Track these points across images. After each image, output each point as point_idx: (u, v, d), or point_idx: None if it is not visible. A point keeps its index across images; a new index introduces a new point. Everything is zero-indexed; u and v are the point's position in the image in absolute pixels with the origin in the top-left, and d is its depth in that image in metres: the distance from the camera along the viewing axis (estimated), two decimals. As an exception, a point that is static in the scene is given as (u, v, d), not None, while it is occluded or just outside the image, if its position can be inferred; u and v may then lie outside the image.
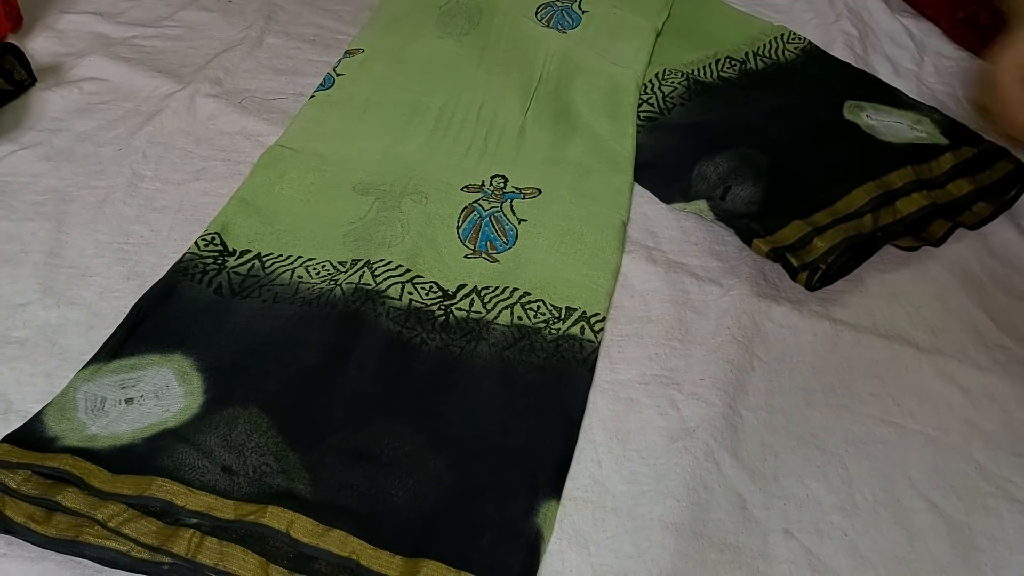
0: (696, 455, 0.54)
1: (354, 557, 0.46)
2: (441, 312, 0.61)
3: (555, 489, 0.52)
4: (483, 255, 0.66)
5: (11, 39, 0.83)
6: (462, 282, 0.64)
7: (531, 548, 0.49)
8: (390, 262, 0.64)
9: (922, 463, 0.56)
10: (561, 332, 0.60)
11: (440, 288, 0.63)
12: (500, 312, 0.62)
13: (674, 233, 0.71)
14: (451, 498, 0.51)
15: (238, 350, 0.57)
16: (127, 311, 0.59)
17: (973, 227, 0.72)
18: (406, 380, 0.57)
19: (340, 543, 0.47)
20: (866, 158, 0.71)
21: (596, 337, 0.60)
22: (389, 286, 0.62)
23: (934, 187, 0.71)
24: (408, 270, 0.63)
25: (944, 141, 0.74)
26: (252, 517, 0.47)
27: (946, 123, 0.77)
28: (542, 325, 0.61)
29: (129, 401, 0.54)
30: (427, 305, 0.61)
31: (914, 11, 1.01)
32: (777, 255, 0.64)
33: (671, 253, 0.69)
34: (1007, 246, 0.72)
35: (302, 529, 0.47)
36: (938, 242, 0.70)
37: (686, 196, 0.72)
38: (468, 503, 0.51)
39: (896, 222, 0.67)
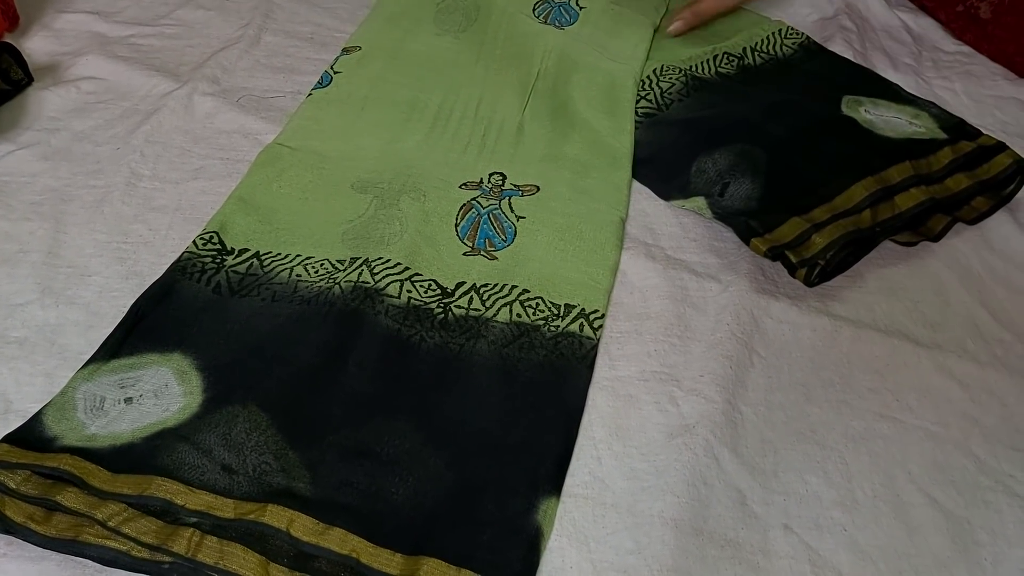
0: (696, 451, 0.54)
1: (354, 555, 0.47)
2: (440, 310, 0.61)
3: (555, 486, 0.52)
4: (482, 252, 0.66)
5: (8, 38, 0.83)
6: (461, 280, 0.64)
7: (531, 545, 0.49)
8: (388, 260, 0.63)
9: (921, 458, 0.56)
10: (560, 329, 0.60)
11: (439, 286, 0.63)
12: (499, 309, 0.62)
13: (673, 230, 0.71)
14: (451, 495, 0.51)
15: (237, 349, 0.57)
16: (126, 310, 0.59)
17: (972, 222, 0.72)
18: (405, 378, 0.57)
19: (340, 541, 0.47)
20: (865, 153, 0.71)
21: (595, 334, 0.61)
22: (388, 284, 0.62)
23: (932, 182, 0.71)
24: (407, 268, 0.63)
25: (942, 136, 0.74)
26: (252, 516, 0.47)
27: (944, 118, 0.77)
28: (541, 322, 0.61)
29: (128, 400, 0.54)
30: (426, 303, 0.61)
31: (912, 5, 1.01)
32: (775, 254, 0.64)
33: (670, 250, 0.69)
34: (1006, 241, 0.72)
35: (302, 527, 0.47)
36: (937, 237, 0.70)
37: (685, 193, 0.72)
38: (468, 500, 0.51)
39: (895, 217, 0.67)
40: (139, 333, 0.58)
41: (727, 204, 0.69)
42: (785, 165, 0.70)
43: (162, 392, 0.54)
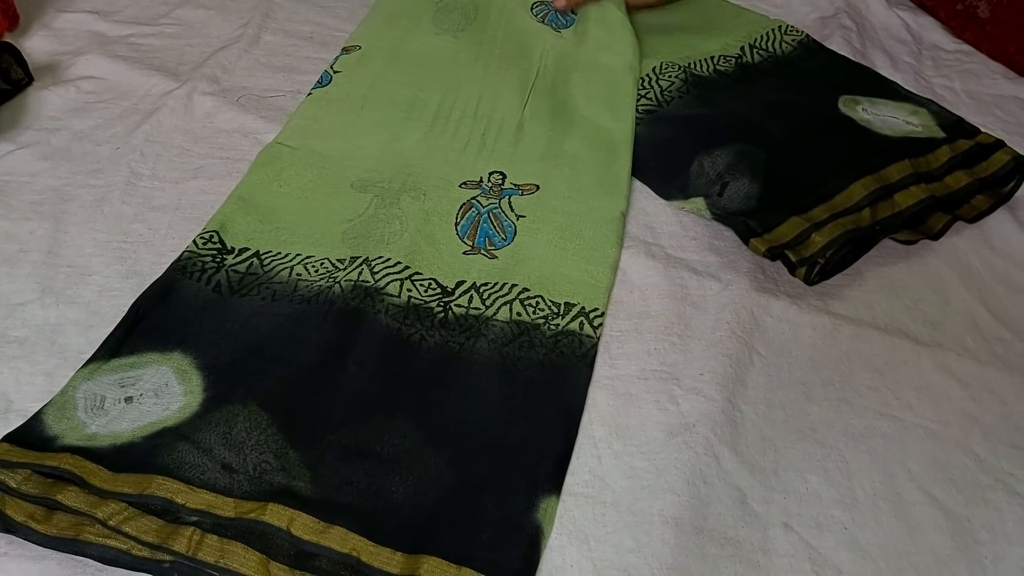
0: (696, 450, 0.54)
1: (354, 554, 0.47)
2: (440, 309, 0.61)
3: (555, 484, 0.52)
4: (482, 251, 0.66)
5: (8, 38, 0.83)
6: (461, 278, 0.64)
7: (532, 543, 0.49)
8: (388, 259, 0.64)
9: (921, 456, 0.56)
10: (560, 328, 0.61)
11: (439, 285, 0.63)
12: (499, 308, 0.62)
13: (673, 228, 0.71)
14: (451, 494, 0.51)
15: (237, 348, 0.57)
16: (126, 310, 0.59)
17: (971, 220, 0.72)
18: (406, 377, 0.57)
19: (341, 540, 0.47)
20: (863, 152, 0.71)
21: (595, 332, 0.61)
22: (388, 283, 0.62)
23: (932, 180, 0.71)
24: (407, 267, 0.63)
25: (941, 134, 0.74)
26: (253, 515, 0.47)
27: (943, 115, 0.77)
28: (541, 321, 0.61)
29: (129, 400, 0.54)
30: (426, 302, 0.62)
31: (912, 4, 1.01)
32: (775, 254, 0.64)
33: (670, 248, 0.69)
34: (1005, 239, 0.72)
35: (302, 526, 0.47)
36: (936, 235, 0.70)
37: (684, 193, 0.72)
38: (468, 499, 0.51)
39: (894, 215, 0.67)
40: (139, 332, 0.58)
41: (726, 204, 0.69)
42: (784, 165, 0.70)
43: (162, 391, 0.54)
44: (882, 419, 0.58)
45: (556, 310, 0.62)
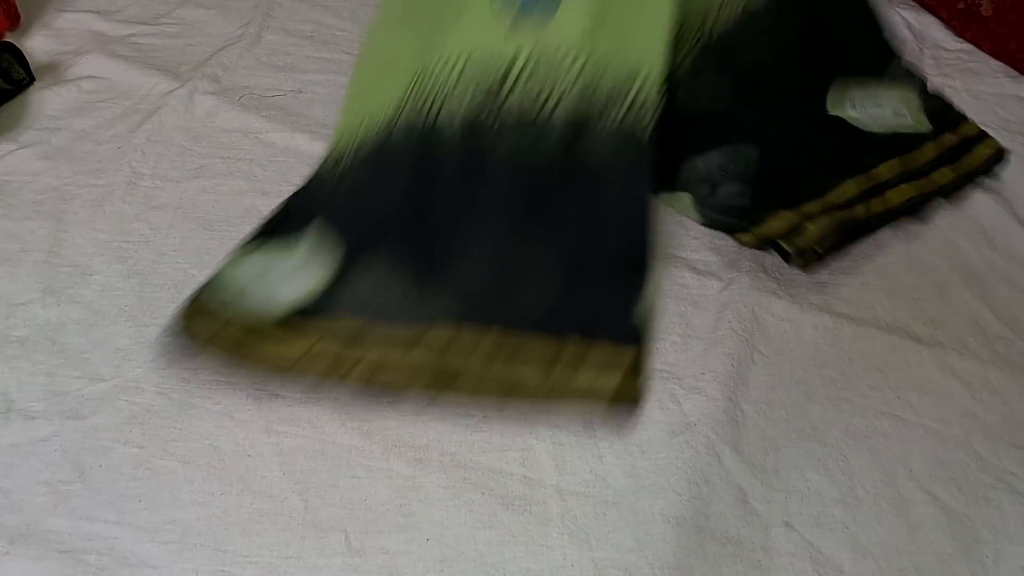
0: (697, 449, 0.54)
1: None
2: (493, 118, 0.64)
3: (647, 274, 0.62)
4: (529, 22, 0.65)
5: (9, 38, 0.83)
6: (510, 63, 0.64)
7: (645, 323, 0.59)
8: (439, 58, 0.65)
9: (923, 455, 0.56)
10: (617, 123, 0.64)
11: (485, 88, 0.64)
12: (557, 104, 0.64)
13: (674, 227, 0.71)
14: (567, 294, 0.60)
15: (365, 214, 0.64)
16: (127, 309, 0.60)
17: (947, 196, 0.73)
18: (489, 210, 0.64)
19: (492, 346, 0.58)
20: (854, 151, 0.72)
21: (647, 129, 0.64)
22: (439, 114, 0.65)
23: (919, 176, 0.72)
24: (457, 62, 0.65)
25: (928, 126, 0.75)
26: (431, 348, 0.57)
27: (932, 101, 0.78)
28: (599, 110, 0.64)
29: (282, 273, 0.61)
30: (478, 116, 0.64)
31: (913, 3, 1.01)
32: (765, 243, 0.65)
33: (671, 247, 0.69)
34: (1007, 238, 0.72)
35: (465, 340, 0.58)
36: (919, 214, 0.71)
37: (672, 186, 0.71)
38: (582, 298, 0.60)
39: (887, 212, 0.68)
40: (277, 222, 0.65)
41: (718, 202, 0.69)
42: (776, 164, 0.70)
43: (309, 262, 0.62)
44: (883, 418, 0.58)
45: (618, 91, 0.64)
